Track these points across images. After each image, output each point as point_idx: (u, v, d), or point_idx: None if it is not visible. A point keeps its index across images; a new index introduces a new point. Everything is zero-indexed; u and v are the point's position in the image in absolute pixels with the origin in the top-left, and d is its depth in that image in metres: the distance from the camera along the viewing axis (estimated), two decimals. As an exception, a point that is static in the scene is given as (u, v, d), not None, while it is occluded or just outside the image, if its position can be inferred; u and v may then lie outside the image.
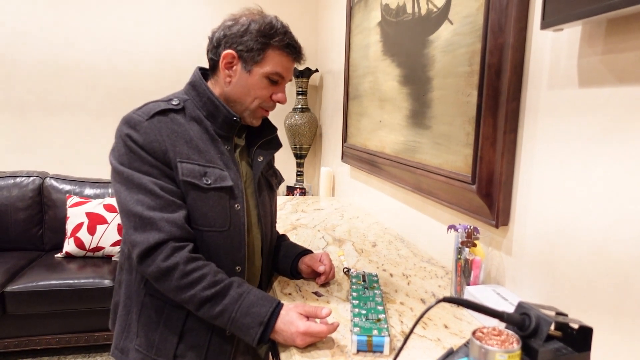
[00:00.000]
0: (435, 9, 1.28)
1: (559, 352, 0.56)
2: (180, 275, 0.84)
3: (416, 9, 1.41)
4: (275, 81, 0.95)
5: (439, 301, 0.53)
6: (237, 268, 0.95)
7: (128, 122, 0.88)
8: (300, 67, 2.76)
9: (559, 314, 0.59)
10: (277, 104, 0.99)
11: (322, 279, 1.07)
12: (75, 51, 2.71)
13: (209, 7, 2.87)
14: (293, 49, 0.95)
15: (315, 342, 0.82)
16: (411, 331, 0.55)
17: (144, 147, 0.86)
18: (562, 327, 0.58)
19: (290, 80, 1.02)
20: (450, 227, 1.04)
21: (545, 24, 0.79)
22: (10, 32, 2.60)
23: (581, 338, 0.57)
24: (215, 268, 0.88)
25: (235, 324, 0.83)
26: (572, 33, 0.83)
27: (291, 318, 0.82)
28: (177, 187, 0.88)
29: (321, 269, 1.07)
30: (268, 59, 0.92)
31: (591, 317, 0.80)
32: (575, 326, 0.57)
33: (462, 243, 1.01)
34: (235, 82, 0.94)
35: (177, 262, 0.84)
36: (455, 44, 1.17)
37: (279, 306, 0.85)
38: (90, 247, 2.37)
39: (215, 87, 0.97)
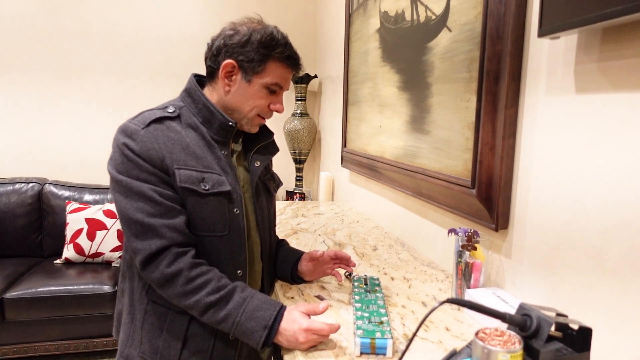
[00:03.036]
0: (434, 17, 1.30)
1: (560, 352, 0.57)
2: (184, 281, 0.85)
3: (415, 17, 1.43)
4: (274, 91, 0.97)
5: (443, 302, 0.54)
6: (239, 272, 0.96)
7: (124, 131, 0.89)
8: (299, 74, 2.78)
9: (559, 315, 0.60)
10: (275, 113, 1.01)
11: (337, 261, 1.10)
12: (73, 57, 2.72)
13: (208, 14, 2.90)
14: (293, 61, 0.97)
15: (317, 344, 0.83)
16: (415, 333, 0.56)
17: (141, 155, 0.87)
18: (563, 327, 0.59)
19: (288, 89, 1.04)
20: (451, 230, 1.05)
21: (542, 32, 0.81)
22: (8, 36, 2.62)
23: (581, 339, 0.58)
24: (219, 273, 0.89)
25: (240, 328, 0.84)
26: (568, 41, 0.85)
27: (294, 316, 0.84)
28: (176, 193, 0.89)
29: (319, 253, 1.08)
30: (268, 70, 0.94)
31: (591, 319, 0.81)
32: (575, 327, 0.59)
33: (462, 246, 1.02)
34: (235, 91, 0.95)
35: (181, 268, 0.85)
36: (453, 51, 1.19)
37: (282, 309, 0.86)
38: (90, 253, 2.37)
39: (212, 94, 0.98)
